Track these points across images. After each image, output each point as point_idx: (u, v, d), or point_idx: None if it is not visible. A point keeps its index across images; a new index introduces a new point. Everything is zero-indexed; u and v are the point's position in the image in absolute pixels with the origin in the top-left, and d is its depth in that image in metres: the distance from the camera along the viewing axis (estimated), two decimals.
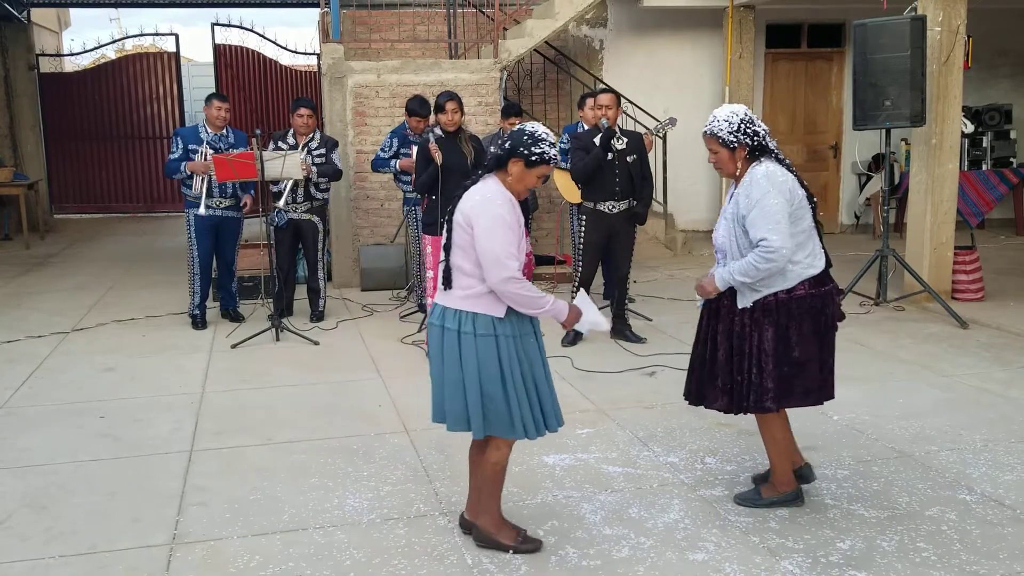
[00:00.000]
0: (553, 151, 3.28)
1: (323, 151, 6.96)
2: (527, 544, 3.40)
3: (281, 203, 6.84)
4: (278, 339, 6.49)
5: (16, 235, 11.61)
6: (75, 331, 6.90)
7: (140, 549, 3.45)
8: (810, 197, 3.58)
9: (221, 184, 6.71)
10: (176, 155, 6.74)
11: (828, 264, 3.62)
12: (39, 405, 5.19)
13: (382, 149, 7.37)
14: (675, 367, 5.66)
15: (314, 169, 6.81)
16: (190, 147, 6.73)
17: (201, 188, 6.67)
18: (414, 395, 5.27)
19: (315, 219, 7.06)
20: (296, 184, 6.83)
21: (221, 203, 6.84)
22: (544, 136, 3.26)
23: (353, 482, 4.04)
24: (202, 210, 6.66)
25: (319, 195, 7.04)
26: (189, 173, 6.70)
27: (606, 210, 6.14)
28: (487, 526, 3.42)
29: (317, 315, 7.15)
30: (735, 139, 3.51)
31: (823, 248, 3.62)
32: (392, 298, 7.93)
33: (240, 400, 5.24)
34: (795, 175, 3.54)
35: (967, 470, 4.07)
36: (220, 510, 3.77)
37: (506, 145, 3.29)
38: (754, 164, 3.53)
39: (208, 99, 6.84)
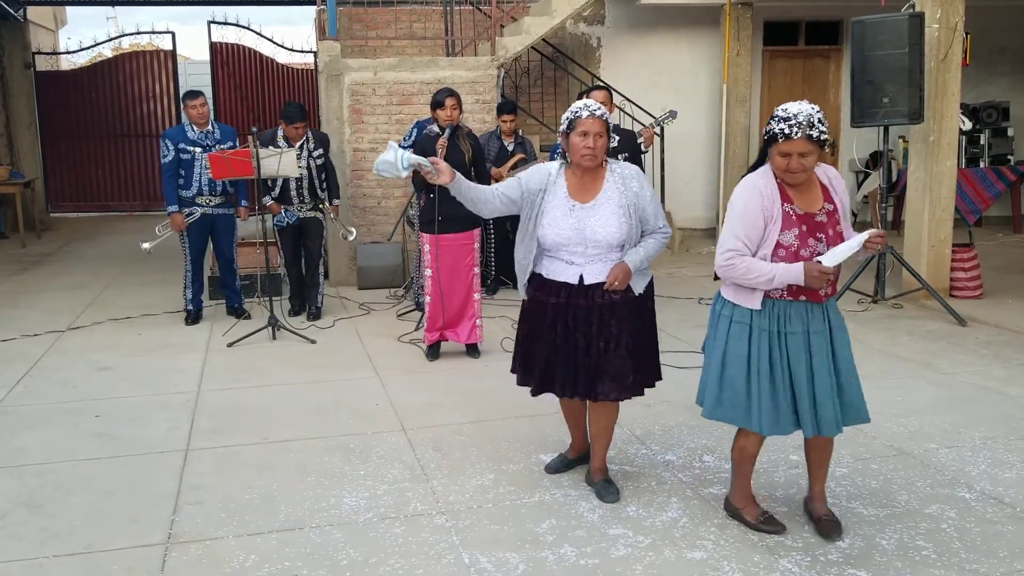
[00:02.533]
0: (779, 125, 3.17)
1: (321, 151, 7.00)
2: (768, 525, 3.50)
3: (294, 203, 6.94)
4: (274, 338, 6.47)
5: (12, 234, 11.57)
6: (71, 330, 6.88)
7: (136, 548, 3.44)
8: None
9: (211, 182, 6.71)
10: (168, 158, 6.71)
11: None
12: (35, 404, 5.17)
13: (404, 138, 7.44)
14: (673, 365, 5.65)
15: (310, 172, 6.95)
16: (180, 146, 6.70)
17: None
18: (411, 393, 5.26)
19: (319, 216, 7.12)
20: (301, 183, 6.88)
21: (211, 201, 6.83)
22: (777, 114, 3.21)
23: (350, 481, 4.02)
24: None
25: (322, 193, 7.09)
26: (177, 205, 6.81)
27: None
28: (736, 501, 3.60)
29: (314, 312, 7.14)
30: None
31: None
32: (389, 296, 7.91)
33: (236, 399, 5.22)
34: None
35: (966, 468, 4.06)
36: (216, 509, 3.75)
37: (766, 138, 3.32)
38: (613, 161, 3.74)
39: (184, 99, 6.80)
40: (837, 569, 3.21)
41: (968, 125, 10.09)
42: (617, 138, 6.06)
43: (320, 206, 7.08)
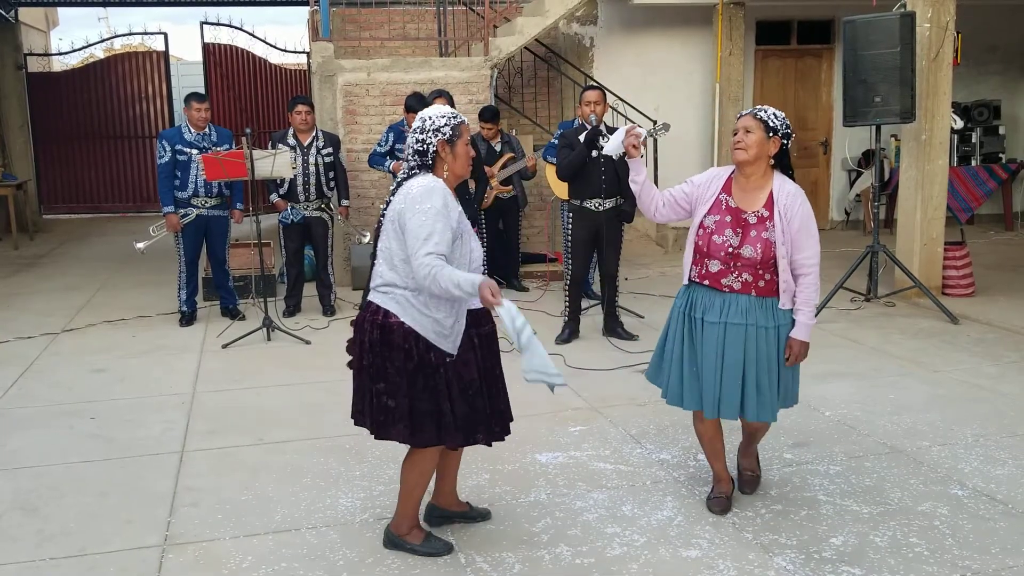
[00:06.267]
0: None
1: (331, 150, 7.09)
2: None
3: (300, 201, 7.03)
4: (269, 339, 6.47)
5: (5, 236, 11.54)
6: (65, 332, 6.87)
7: (132, 551, 3.44)
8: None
9: (207, 184, 6.72)
10: (165, 159, 6.73)
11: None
12: (29, 406, 5.16)
13: (379, 144, 7.39)
14: None
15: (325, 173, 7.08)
16: (177, 148, 6.72)
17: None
18: None
19: (325, 216, 7.17)
20: (308, 180, 6.96)
21: (207, 202, 6.84)
22: None
23: (346, 482, 4.03)
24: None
25: (330, 192, 7.17)
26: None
27: (592, 208, 6.12)
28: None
29: (330, 309, 7.26)
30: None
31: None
32: None
33: (232, 400, 5.22)
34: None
35: (959, 465, 4.09)
36: (212, 511, 3.76)
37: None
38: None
39: (187, 100, 6.85)
40: (831, 566, 3.23)
41: (959, 124, 10.11)
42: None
43: (325, 206, 7.13)
